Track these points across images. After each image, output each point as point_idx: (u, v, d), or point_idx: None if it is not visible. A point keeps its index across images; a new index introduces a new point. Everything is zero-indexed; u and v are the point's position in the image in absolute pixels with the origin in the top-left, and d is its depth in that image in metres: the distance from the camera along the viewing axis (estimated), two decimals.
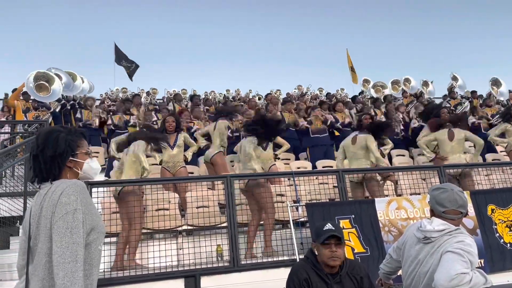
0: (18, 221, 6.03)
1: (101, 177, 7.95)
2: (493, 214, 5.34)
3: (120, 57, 15.92)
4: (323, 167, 8.22)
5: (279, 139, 6.89)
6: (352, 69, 16.88)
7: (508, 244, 5.23)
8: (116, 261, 4.98)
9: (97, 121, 9.72)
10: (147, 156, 5.97)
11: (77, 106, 10.41)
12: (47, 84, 8.54)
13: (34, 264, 1.96)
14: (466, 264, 2.35)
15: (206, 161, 7.39)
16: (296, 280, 2.73)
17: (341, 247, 2.82)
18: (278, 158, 7.65)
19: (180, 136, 6.85)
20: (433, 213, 2.68)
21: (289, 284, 2.77)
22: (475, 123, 10.05)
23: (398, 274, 3.13)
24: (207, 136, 7.79)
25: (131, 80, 15.80)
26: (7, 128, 9.64)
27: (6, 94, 9.74)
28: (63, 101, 9.84)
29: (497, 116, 9.37)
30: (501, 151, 9.01)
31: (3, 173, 6.25)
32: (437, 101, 12.97)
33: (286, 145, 7.17)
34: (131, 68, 15.81)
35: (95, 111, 9.89)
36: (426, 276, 2.53)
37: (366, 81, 15.07)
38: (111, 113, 10.06)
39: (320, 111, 9.60)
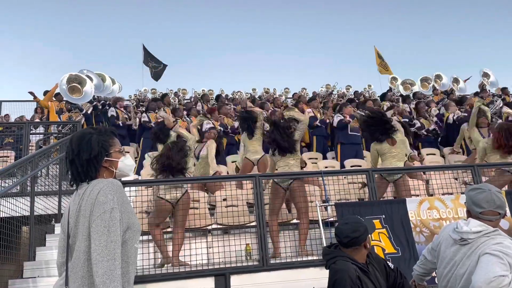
0: (53, 219, 6.22)
1: (131, 176, 8.11)
2: None
3: (148, 58, 16.20)
4: (351, 166, 8.14)
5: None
6: (382, 65, 16.56)
7: None
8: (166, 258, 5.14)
9: (137, 121, 10.02)
10: None
11: (107, 107, 10.66)
12: (79, 86, 8.77)
13: (72, 262, 2.02)
14: (505, 267, 2.28)
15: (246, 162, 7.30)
16: (349, 280, 2.73)
17: None
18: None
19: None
20: (470, 214, 2.62)
21: (344, 284, 2.74)
22: None
23: (433, 275, 3.08)
24: None
25: (156, 81, 16.08)
26: (41, 129, 9.97)
27: (33, 94, 10.07)
28: (94, 103, 10.09)
29: None
30: None
31: (39, 173, 6.45)
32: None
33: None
34: (158, 67, 16.07)
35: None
36: (462, 278, 2.47)
37: (394, 79, 14.81)
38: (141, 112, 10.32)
39: (352, 108, 9.49)
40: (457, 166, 6.51)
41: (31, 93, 10.00)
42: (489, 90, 12.81)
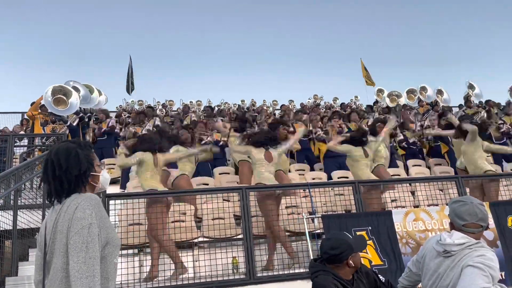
0: (37, 233, 6.11)
1: (116, 189, 8.03)
2: None
3: (131, 71, 16.34)
4: (338, 178, 8.16)
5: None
6: (367, 78, 16.81)
7: None
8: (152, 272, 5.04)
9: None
10: None
11: (94, 119, 10.58)
12: (64, 98, 8.68)
13: (50, 280, 1.97)
14: (488, 279, 2.30)
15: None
16: None
17: None
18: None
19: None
20: (453, 226, 2.63)
21: None
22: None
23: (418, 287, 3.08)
24: None
25: (129, 94, 16.20)
26: (25, 141, 9.84)
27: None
28: (81, 114, 9.99)
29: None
30: None
31: (23, 186, 6.34)
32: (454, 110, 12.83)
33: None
34: (132, 85, 16.29)
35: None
36: None
37: (380, 91, 14.99)
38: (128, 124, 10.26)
39: (339, 121, 9.58)
40: (442, 178, 6.58)
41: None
42: (473, 101, 13.03)
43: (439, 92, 13.04)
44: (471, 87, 13.30)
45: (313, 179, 8.10)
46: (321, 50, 47.55)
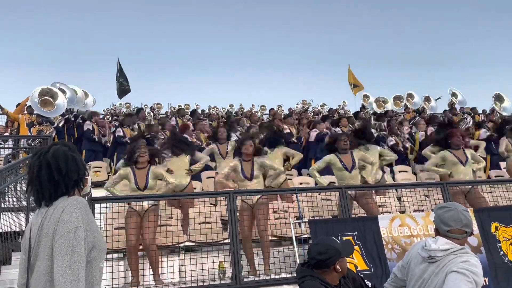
0: (20, 236, 6.01)
1: (102, 193, 7.95)
2: (497, 231, 5.30)
3: (120, 74, 16.16)
4: None
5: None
6: (353, 85, 16.93)
7: None
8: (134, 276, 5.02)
9: (111, 138, 9.83)
10: None
11: (81, 120, 10.46)
12: (51, 100, 8.61)
13: (33, 284, 1.94)
14: (471, 285, 2.33)
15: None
16: None
17: None
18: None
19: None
20: (438, 232, 2.66)
21: None
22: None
23: None
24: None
25: (120, 98, 16.00)
26: (10, 143, 9.69)
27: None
28: (67, 116, 9.89)
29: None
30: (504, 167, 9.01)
31: (6, 188, 6.24)
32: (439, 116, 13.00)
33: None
34: (125, 86, 16.04)
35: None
36: None
37: (366, 96, 15.15)
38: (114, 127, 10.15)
39: (326, 125, 9.67)
40: (428, 184, 6.65)
41: None
42: (457, 109, 13.28)
43: (427, 99, 13.23)
44: (454, 94, 13.55)
45: (301, 183, 8.12)
46: (312, 53, 47.82)
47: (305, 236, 5.38)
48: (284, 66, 48.32)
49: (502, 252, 5.21)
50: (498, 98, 12.93)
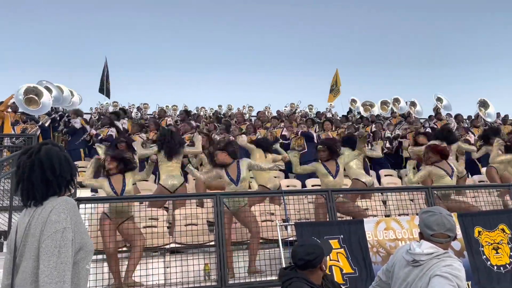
0: (2, 237, 5.91)
1: (87, 193, 7.87)
2: (480, 236, 5.38)
3: (106, 73, 16.07)
4: (312, 186, 8.23)
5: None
6: (333, 90, 16.92)
7: (495, 267, 5.26)
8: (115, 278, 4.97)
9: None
10: None
11: (67, 119, 10.34)
12: (36, 98, 8.50)
13: (18, 284, 1.92)
14: None
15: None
16: None
17: None
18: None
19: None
20: (422, 236, 2.69)
21: None
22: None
23: None
24: None
25: (103, 94, 15.89)
26: None
27: None
28: (53, 115, 9.77)
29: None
30: None
31: None
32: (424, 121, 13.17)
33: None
34: (108, 87, 15.99)
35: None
36: None
37: (353, 101, 15.28)
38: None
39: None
40: (413, 188, 6.70)
41: None
42: (441, 114, 13.46)
43: (412, 104, 13.39)
44: (439, 99, 13.73)
45: (288, 186, 8.14)
46: (300, 54, 48.00)
47: (291, 238, 5.38)
48: (275, 67, 48.44)
49: (484, 256, 5.28)
50: (483, 104, 13.16)
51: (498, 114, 14.08)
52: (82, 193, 6.54)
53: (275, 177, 7.65)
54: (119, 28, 45.14)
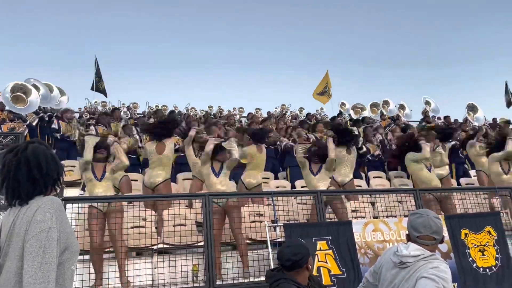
0: None
1: (76, 192, 7.79)
2: (466, 238, 5.44)
3: (96, 71, 15.96)
4: (301, 187, 8.24)
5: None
6: (323, 93, 16.88)
7: (481, 268, 5.32)
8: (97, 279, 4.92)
9: (77, 133, 9.53)
10: None
11: (54, 118, 10.23)
12: (24, 96, 8.40)
13: (1, 285, 1.89)
14: None
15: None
16: None
17: None
18: None
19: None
20: (409, 238, 2.71)
21: None
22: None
23: None
24: None
25: (93, 90, 15.76)
26: None
27: None
28: (41, 114, 9.66)
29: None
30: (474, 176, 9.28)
31: None
32: (414, 124, 13.28)
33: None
34: (102, 85, 15.87)
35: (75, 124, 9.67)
36: None
37: (343, 104, 15.39)
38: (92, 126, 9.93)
39: (304, 131, 9.74)
40: (401, 190, 6.77)
41: None
42: (431, 116, 13.59)
43: (401, 107, 13.51)
44: (427, 103, 13.88)
45: (277, 187, 8.14)
46: (301, 54, 48.00)
47: (280, 239, 5.38)
48: (275, 67, 48.38)
49: (471, 258, 5.34)
50: (472, 108, 13.30)
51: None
52: (69, 192, 6.48)
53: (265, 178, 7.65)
54: (119, 28, 44.78)
